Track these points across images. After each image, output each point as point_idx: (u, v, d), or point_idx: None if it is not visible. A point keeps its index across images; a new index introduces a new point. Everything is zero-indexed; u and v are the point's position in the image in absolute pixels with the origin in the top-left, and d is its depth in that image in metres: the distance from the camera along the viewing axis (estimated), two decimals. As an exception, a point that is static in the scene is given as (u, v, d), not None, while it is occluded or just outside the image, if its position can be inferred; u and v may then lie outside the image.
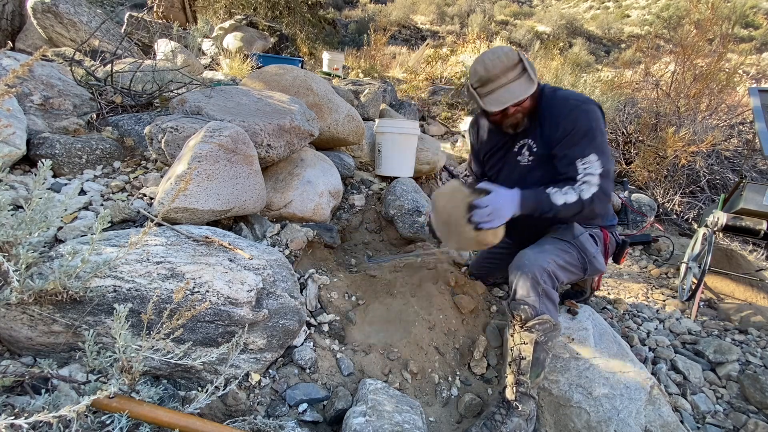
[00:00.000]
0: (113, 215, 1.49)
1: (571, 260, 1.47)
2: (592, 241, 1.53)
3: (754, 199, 2.27)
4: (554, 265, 1.40)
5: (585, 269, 1.49)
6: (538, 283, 1.36)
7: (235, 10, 7.59)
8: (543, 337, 1.37)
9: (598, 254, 1.50)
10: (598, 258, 1.50)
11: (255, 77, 2.60)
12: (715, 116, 4.69)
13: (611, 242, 1.65)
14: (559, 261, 1.43)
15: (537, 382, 1.38)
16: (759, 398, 1.66)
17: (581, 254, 1.48)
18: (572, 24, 17.57)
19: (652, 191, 4.24)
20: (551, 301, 1.39)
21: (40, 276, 1.01)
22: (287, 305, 1.30)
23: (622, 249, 1.70)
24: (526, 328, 1.37)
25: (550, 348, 1.39)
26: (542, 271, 1.37)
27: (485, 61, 1.41)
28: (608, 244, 1.62)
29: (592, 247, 1.49)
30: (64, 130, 1.94)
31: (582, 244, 1.49)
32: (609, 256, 1.65)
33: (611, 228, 1.67)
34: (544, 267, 1.38)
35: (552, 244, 1.48)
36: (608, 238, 1.62)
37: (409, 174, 2.86)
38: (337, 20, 11.76)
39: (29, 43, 3.31)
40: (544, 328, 1.36)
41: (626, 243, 1.70)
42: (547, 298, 1.38)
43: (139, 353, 0.90)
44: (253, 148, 1.66)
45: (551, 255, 1.42)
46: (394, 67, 7.78)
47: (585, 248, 1.48)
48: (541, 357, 1.37)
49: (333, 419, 1.27)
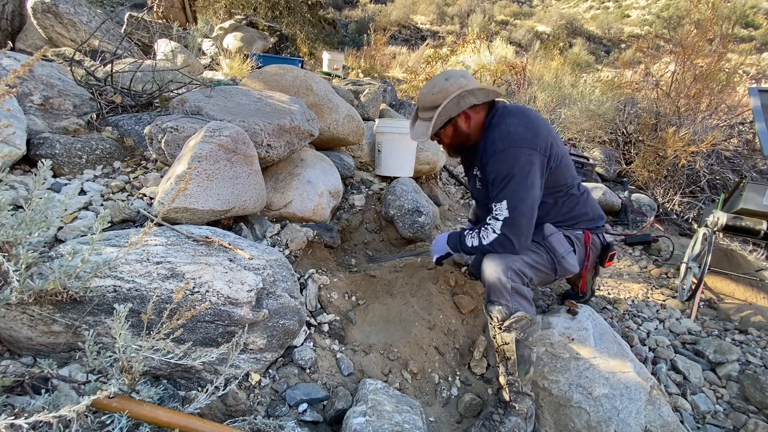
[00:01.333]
0: (113, 215, 1.49)
1: (540, 260, 1.48)
2: (566, 242, 1.54)
3: (754, 199, 2.27)
4: (521, 263, 1.43)
5: (555, 269, 1.50)
6: (506, 282, 1.39)
7: (235, 10, 7.59)
8: (522, 334, 1.38)
9: (568, 255, 1.51)
10: (568, 259, 1.50)
11: (255, 77, 2.60)
12: (715, 116, 4.69)
13: (594, 243, 1.64)
14: (527, 259, 1.45)
15: (528, 378, 1.39)
16: (759, 398, 1.66)
17: (549, 254, 1.50)
18: (572, 24, 17.58)
19: (652, 191, 4.24)
20: (523, 298, 1.41)
21: (40, 276, 1.02)
22: (287, 305, 1.30)
23: (607, 250, 1.69)
24: (504, 328, 1.39)
25: (532, 343, 1.40)
26: (508, 270, 1.40)
27: (423, 90, 1.55)
28: (589, 245, 1.62)
29: (561, 248, 1.50)
30: (64, 130, 1.94)
31: (551, 245, 1.50)
32: (590, 257, 1.64)
33: (596, 230, 1.65)
34: (510, 266, 1.41)
35: None
36: (590, 239, 1.61)
37: (409, 174, 2.86)
38: (337, 20, 11.76)
39: (29, 43, 3.31)
40: (521, 325, 1.38)
41: (611, 246, 1.69)
42: (518, 295, 1.40)
43: (139, 353, 0.90)
44: (253, 148, 1.66)
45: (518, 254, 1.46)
46: (394, 67, 7.78)
47: (553, 248, 1.50)
48: (525, 354, 1.38)
49: (333, 419, 1.27)
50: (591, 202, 1.66)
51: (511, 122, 1.45)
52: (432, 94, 1.50)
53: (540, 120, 1.49)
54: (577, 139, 4.99)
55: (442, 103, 1.47)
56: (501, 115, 1.50)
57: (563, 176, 1.52)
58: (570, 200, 1.58)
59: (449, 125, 1.54)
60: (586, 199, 1.64)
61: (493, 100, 1.55)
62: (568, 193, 1.57)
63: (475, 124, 1.53)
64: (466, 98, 1.47)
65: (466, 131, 1.54)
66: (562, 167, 1.50)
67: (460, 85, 1.48)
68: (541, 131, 1.43)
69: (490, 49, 7.87)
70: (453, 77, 1.51)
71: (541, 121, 1.48)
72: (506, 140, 1.41)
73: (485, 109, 1.54)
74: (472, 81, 1.52)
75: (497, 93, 1.54)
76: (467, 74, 1.55)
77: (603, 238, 1.70)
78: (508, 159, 1.39)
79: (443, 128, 1.55)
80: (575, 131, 4.94)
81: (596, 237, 1.66)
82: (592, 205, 1.66)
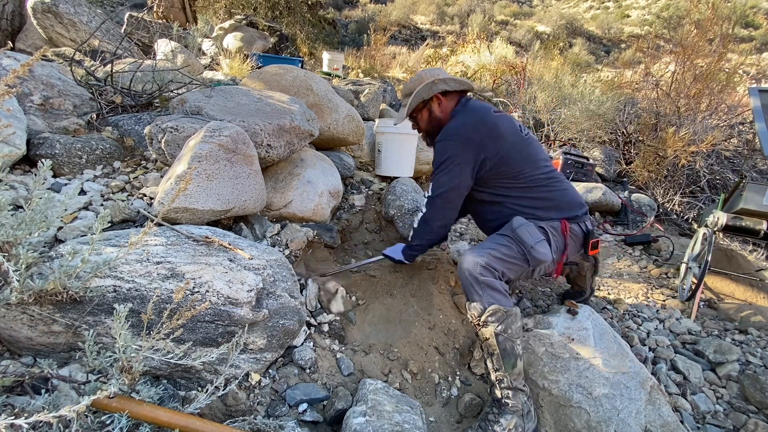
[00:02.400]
0: (113, 215, 1.49)
1: (510, 252, 1.50)
2: (537, 232, 1.54)
3: (754, 199, 2.27)
4: (489, 258, 1.46)
5: (527, 260, 1.51)
6: (477, 277, 1.43)
7: (235, 10, 7.59)
8: (500, 327, 1.38)
9: (538, 245, 1.51)
10: (538, 248, 1.50)
11: (255, 77, 2.60)
12: (715, 116, 4.68)
13: (574, 232, 1.65)
14: (495, 254, 1.48)
15: (516, 372, 1.39)
16: (759, 398, 1.66)
17: (519, 246, 1.51)
18: (572, 24, 17.58)
19: (652, 191, 4.24)
20: (496, 291, 1.43)
21: (40, 276, 1.02)
22: (287, 305, 1.30)
23: (588, 238, 1.69)
24: (482, 323, 1.41)
25: (512, 335, 1.40)
26: (476, 266, 1.44)
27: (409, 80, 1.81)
28: (568, 234, 1.62)
29: (529, 239, 1.51)
30: (64, 130, 1.94)
31: (518, 236, 1.52)
32: (569, 246, 1.64)
33: (575, 219, 1.65)
34: (478, 261, 1.45)
35: (491, 240, 1.58)
36: (567, 228, 1.62)
37: (409, 174, 2.86)
38: (337, 20, 11.76)
39: (29, 43, 3.31)
40: (497, 318, 1.39)
41: (592, 232, 1.70)
42: (491, 289, 1.42)
43: (139, 353, 0.90)
44: (253, 148, 1.66)
45: (486, 249, 1.50)
46: (394, 67, 7.78)
47: (522, 239, 1.51)
48: (507, 347, 1.39)
49: (333, 419, 1.27)
50: (568, 192, 1.68)
51: (459, 118, 1.64)
52: (411, 81, 1.76)
53: (487, 120, 1.60)
54: (577, 139, 4.99)
55: (418, 87, 1.70)
56: (462, 108, 1.69)
57: (519, 167, 1.60)
58: (538, 189, 1.62)
59: (425, 109, 1.75)
60: (560, 189, 1.65)
61: (465, 92, 1.76)
62: (534, 184, 1.62)
63: (445, 109, 1.73)
64: (438, 84, 1.69)
65: (439, 115, 1.73)
66: (516, 159, 1.60)
67: (434, 75, 1.72)
68: (481, 129, 1.58)
69: (490, 49, 7.87)
70: (430, 70, 1.77)
71: (487, 121, 1.60)
72: (446, 133, 1.63)
73: (456, 98, 1.74)
74: (446, 74, 1.75)
75: (468, 84, 1.74)
76: (443, 70, 1.78)
77: (585, 226, 1.69)
78: (442, 148, 1.61)
79: (420, 112, 1.77)
80: (575, 131, 4.93)
81: (576, 226, 1.66)
82: (569, 194, 1.68)
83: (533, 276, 1.63)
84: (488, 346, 1.41)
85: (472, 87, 1.75)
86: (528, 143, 1.65)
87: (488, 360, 1.42)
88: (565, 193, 1.67)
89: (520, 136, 1.64)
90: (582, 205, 1.71)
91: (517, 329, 1.42)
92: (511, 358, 1.38)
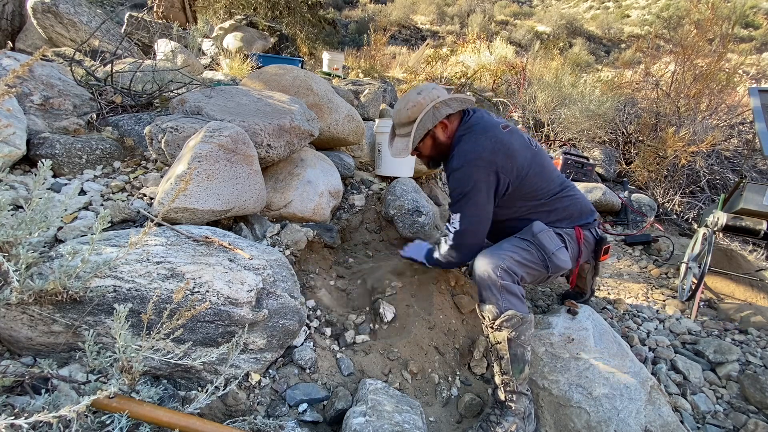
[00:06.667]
0: (113, 215, 1.49)
1: (530, 257, 1.48)
2: (557, 239, 1.54)
3: (754, 199, 2.27)
4: (510, 261, 1.43)
5: (546, 266, 1.50)
6: (496, 281, 1.39)
7: (235, 10, 7.58)
8: (514, 333, 1.37)
9: (559, 251, 1.50)
10: (559, 255, 1.50)
11: (255, 77, 2.60)
12: (715, 116, 4.69)
13: (587, 239, 1.65)
14: (516, 257, 1.45)
15: (523, 377, 1.39)
16: (759, 398, 1.66)
17: (540, 251, 1.49)
18: (572, 24, 17.58)
19: (652, 191, 4.24)
20: (514, 296, 1.40)
21: (40, 276, 1.01)
22: (287, 305, 1.30)
23: (601, 244, 1.69)
24: (495, 327, 1.39)
25: (525, 342, 1.40)
26: (497, 269, 1.40)
27: (397, 106, 1.63)
28: (582, 241, 1.62)
29: (551, 245, 1.50)
30: (64, 130, 1.94)
31: (540, 242, 1.50)
32: (583, 252, 1.65)
33: (588, 225, 1.66)
34: (499, 264, 1.41)
35: (510, 242, 1.53)
36: (581, 235, 1.62)
37: (409, 174, 2.85)
38: (337, 20, 11.75)
39: (29, 43, 3.31)
40: (513, 324, 1.37)
41: (605, 239, 1.70)
42: (509, 294, 1.40)
43: (139, 353, 0.90)
44: (253, 148, 1.66)
45: (507, 252, 1.46)
46: (394, 67, 7.78)
47: (543, 245, 1.50)
48: (518, 352, 1.38)
49: (333, 419, 1.27)
50: (579, 200, 1.67)
51: (471, 139, 1.52)
52: (407, 109, 1.57)
53: (503, 140, 1.50)
54: (577, 139, 4.99)
55: (419, 117, 1.53)
56: (468, 128, 1.56)
57: (536, 185, 1.56)
58: (553, 202, 1.60)
59: (428, 137, 1.60)
60: (572, 198, 1.65)
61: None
62: (549, 198, 1.59)
63: (450, 133, 1.61)
64: (441, 109, 1.53)
65: (444, 141, 1.61)
66: (532, 177, 1.54)
67: (432, 98, 1.54)
68: (500, 151, 1.47)
69: (490, 49, 7.87)
70: (425, 90, 1.57)
71: (503, 141, 1.50)
72: (463, 158, 1.49)
73: (458, 117, 1.62)
74: (443, 91, 1.59)
75: (470, 101, 1.61)
76: (437, 86, 1.62)
77: (596, 232, 1.70)
78: (461, 178, 1.48)
79: (422, 141, 1.61)
80: (575, 131, 4.94)
81: (588, 232, 1.67)
82: (581, 202, 1.67)
83: (546, 282, 1.63)
84: (498, 349, 1.40)
85: (473, 102, 1.65)
86: (539, 155, 1.61)
87: (495, 363, 1.41)
88: (577, 200, 1.67)
89: (532, 150, 1.59)
90: (593, 211, 1.70)
91: (530, 336, 1.42)
92: (521, 363, 1.38)
